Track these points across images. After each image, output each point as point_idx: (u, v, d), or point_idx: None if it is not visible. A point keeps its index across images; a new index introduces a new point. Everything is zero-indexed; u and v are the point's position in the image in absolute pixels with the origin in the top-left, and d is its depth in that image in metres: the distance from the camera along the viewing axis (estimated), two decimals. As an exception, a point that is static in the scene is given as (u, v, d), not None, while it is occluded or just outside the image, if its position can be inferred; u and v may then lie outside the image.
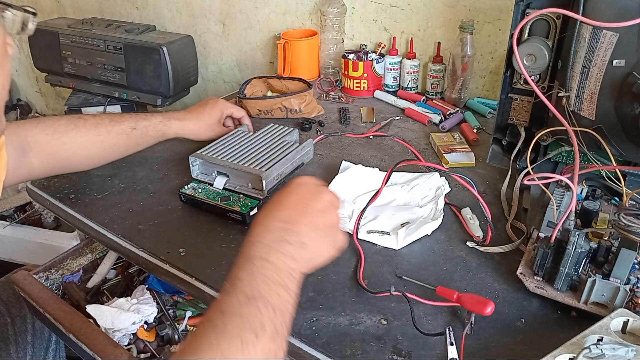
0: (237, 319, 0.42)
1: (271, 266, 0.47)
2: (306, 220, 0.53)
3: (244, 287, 0.45)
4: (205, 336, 0.41)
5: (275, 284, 0.46)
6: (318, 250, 0.54)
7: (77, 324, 0.77)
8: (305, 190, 0.56)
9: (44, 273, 0.92)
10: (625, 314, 0.54)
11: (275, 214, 0.53)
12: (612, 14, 0.64)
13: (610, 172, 0.74)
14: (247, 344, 0.41)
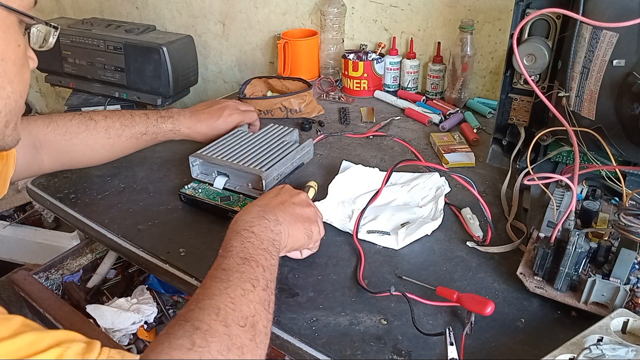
0: (237, 274, 0.51)
1: (255, 236, 0.58)
2: (281, 209, 0.65)
3: (238, 252, 0.54)
4: (215, 286, 0.50)
5: (261, 249, 0.56)
6: (292, 232, 0.64)
7: (77, 324, 0.76)
8: (284, 191, 0.69)
9: (44, 273, 0.92)
10: (625, 314, 0.54)
11: (254, 203, 0.65)
12: (612, 14, 0.64)
13: (610, 172, 0.74)
14: (247, 292, 0.50)
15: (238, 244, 0.56)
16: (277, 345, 0.61)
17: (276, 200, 0.66)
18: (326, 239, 0.77)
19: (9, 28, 0.46)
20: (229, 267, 0.52)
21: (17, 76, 0.48)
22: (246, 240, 0.56)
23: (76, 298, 0.89)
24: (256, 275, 0.53)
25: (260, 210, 0.62)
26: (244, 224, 0.59)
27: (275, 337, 0.61)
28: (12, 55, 0.47)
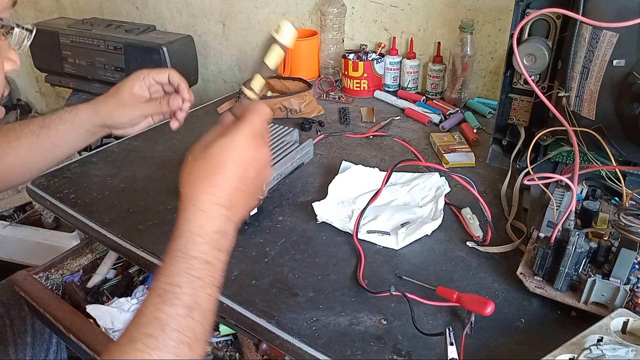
0: (176, 334, 0.44)
1: (209, 269, 0.48)
2: (241, 200, 0.53)
3: (183, 297, 0.46)
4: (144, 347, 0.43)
5: (210, 287, 0.48)
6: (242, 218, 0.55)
7: (77, 324, 0.77)
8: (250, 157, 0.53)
9: (44, 273, 0.92)
10: (625, 314, 0.54)
11: (214, 193, 0.51)
12: (612, 14, 0.64)
13: (610, 172, 0.74)
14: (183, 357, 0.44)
15: (186, 284, 0.46)
16: (277, 345, 0.61)
17: (232, 183, 0.52)
18: (326, 239, 0.77)
19: None
20: (167, 321, 0.44)
21: None
22: (196, 278, 0.47)
23: (76, 298, 0.89)
24: (196, 332, 0.46)
25: (221, 218, 0.51)
26: (199, 243, 0.49)
27: (275, 337, 0.61)
28: None
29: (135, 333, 0.43)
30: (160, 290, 0.46)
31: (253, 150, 0.53)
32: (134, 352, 0.42)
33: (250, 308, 0.65)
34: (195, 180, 0.51)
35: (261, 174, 0.55)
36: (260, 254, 0.74)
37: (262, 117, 0.55)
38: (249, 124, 0.53)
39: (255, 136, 0.54)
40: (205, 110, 1.29)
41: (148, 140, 1.09)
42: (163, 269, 0.48)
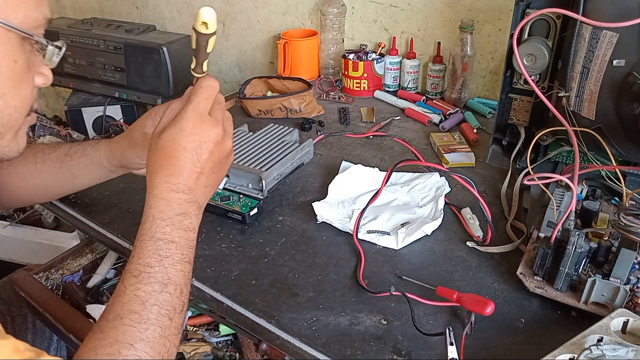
0: (155, 308, 0.49)
1: (175, 247, 0.53)
2: (200, 181, 0.56)
3: (157, 275, 0.51)
4: (132, 327, 0.47)
5: (180, 263, 0.53)
6: (209, 198, 0.59)
7: (77, 324, 0.77)
8: (199, 140, 0.55)
9: (44, 273, 0.92)
10: (625, 314, 0.54)
11: (171, 182, 0.54)
12: (612, 14, 0.64)
13: (610, 172, 0.74)
14: (165, 329, 0.49)
15: (156, 262, 0.51)
16: (277, 345, 0.61)
17: (189, 167, 0.55)
18: (326, 239, 0.77)
19: (5, 44, 0.46)
20: (147, 297, 0.49)
21: (12, 91, 0.49)
22: (166, 256, 0.52)
23: (76, 298, 0.89)
24: (174, 304, 0.51)
25: (181, 202, 0.54)
26: (163, 229, 0.53)
27: (276, 337, 0.61)
28: (7, 71, 0.47)
29: (120, 310, 0.48)
30: (136, 271, 0.51)
31: (200, 134, 0.55)
32: (122, 327, 0.47)
33: (250, 308, 0.65)
34: (153, 170, 0.55)
35: (217, 151, 0.57)
36: (260, 254, 0.74)
37: (205, 93, 0.57)
38: (192, 106, 0.56)
39: (201, 117, 0.56)
40: (205, 110, 1.29)
41: (148, 140, 1.09)
42: (135, 252, 0.52)
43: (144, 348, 0.47)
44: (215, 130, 0.56)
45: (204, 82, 0.58)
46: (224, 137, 0.58)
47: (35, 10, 0.48)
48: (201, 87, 0.57)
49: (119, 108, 1.68)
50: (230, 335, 0.90)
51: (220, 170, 0.59)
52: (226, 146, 0.59)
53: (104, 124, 1.66)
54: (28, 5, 0.47)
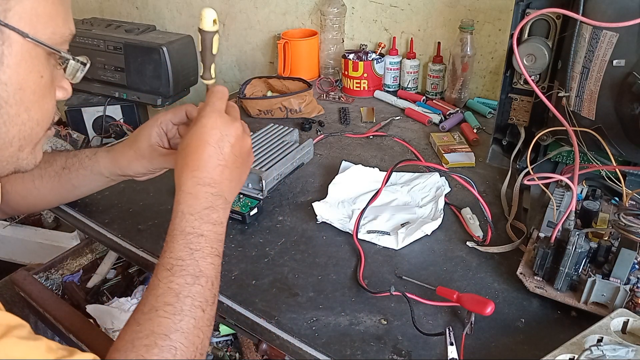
0: (189, 300, 0.51)
1: (205, 240, 0.55)
2: (225, 174, 0.59)
3: (189, 268, 0.53)
4: (166, 319, 0.49)
5: (210, 256, 0.55)
6: (237, 192, 0.63)
7: (77, 324, 0.76)
8: (221, 134, 0.59)
9: (44, 273, 0.92)
10: (625, 314, 0.54)
11: (197, 176, 0.57)
12: (612, 14, 0.64)
13: (610, 172, 0.74)
14: (198, 320, 0.51)
15: (187, 255, 0.54)
16: (277, 345, 0.61)
17: (214, 161, 0.58)
18: (326, 239, 0.77)
19: (33, 59, 0.47)
20: (181, 290, 0.51)
21: (35, 105, 0.49)
22: (196, 249, 0.54)
23: (76, 298, 0.89)
24: (206, 296, 0.53)
25: (207, 195, 0.57)
26: (192, 223, 0.56)
27: (276, 337, 0.61)
28: (32, 85, 0.48)
29: (155, 302, 0.50)
30: (168, 264, 0.53)
31: (221, 128, 0.59)
32: (157, 319, 0.49)
33: (250, 308, 0.65)
34: (180, 169, 0.58)
35: (237, 145, 0.60)
36: (260, 254, 0.74)
37: (219, 95, 0.62)
38: (209, 106, 0.60)
39: (219, 114, 0.60)
40: (205, 110, 1.29)
41: (148, 140, 1.09)
42: (166, 247, 0.55)
43: (179, 338, 0.48)
44: (234, 125, 0.60)
45: (215, 87, 0.63)
46: (243, 133, 0.61)
47: (63, 26, 0.49)
48: (214, 90, 0.62)
49: (119, 108, 1.68)
50: (230, 335, 0.90)
51: (243, 166, 0.62)
52: (246, 142, 0.62)
53: (104, 124, 1.65)
54: (57, 22, 0.48)
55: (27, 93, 0.47)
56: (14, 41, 0.44)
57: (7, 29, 0.43)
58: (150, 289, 0.52)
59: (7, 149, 0.49)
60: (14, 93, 0.46)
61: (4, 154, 0.49)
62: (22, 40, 0.45)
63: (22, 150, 0.51)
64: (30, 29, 0.45)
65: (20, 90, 0.47)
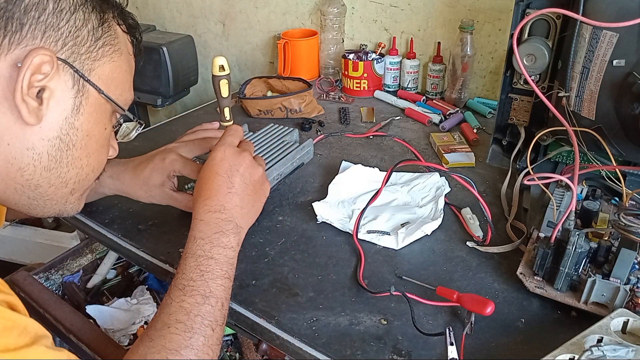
0: (199, 318, 0.53)
1: (215, 263, 0.58)
2: (235, 201, 0.63)
3: (199, 288, 0.55)
4: (177, 335, 0.51)
5: (220, 278, 0.57)
6: (251, 219, 0.67)
7: (77, 325, 0.76)
8: (229, 164, 0.64)
9: (44, 273, 0.92)
10: (625, 314, 0.54)
11: (208, 204, 0.62)
12: (612, 14, 0.64)
13: (610, 172, 0.74)
14: (208, 338, 0.53)
15: (197, 276, 0.56)
16: (277, 345, 0.61)
17: (224, 190, 0.63)
18: (326, 238, 0.77)
19: (103, 112, 0.54)
20: (191, 308, 0.53)
21: (95, 153, 0.55)
22: (206, 270, 0.57)
23: (76, 298, 0.89)
24: (215, 316, 0.55)
25: (217, 220, 0.61)
26: (203, 246, 0.58)
27: (276, 337, 0.61)
28: (97, 134, 0.54)
29: (167, 320, 0.52)
30: (180, 285, 0.55)
31: (229, 159, 0.64)
32: (169, 335, 0.51)
33: (250, 308, 0.65)
34: (195, 199, 0.63)
35: (247, 174, 0.65)
36: (260, 254, 0.74)
37: (231, 132, 0.68)
38: (221, 141, 0.66)
39: (229, 147, 0.65)
40: (205, 111, 1.29)
41: (148, 140, 1.09)
42: (179, 269, 0.57)
43: (189, 355, 0.51)
44: (242, 155, 0.65)
45: (229, 127, 0.69)
46: (253, 163, 0.66)
47: (128, 92, 0.59)
48: (228, 128, 0.69)
49: (119, 108, 1.68)
50: (230, 336, 0.90)
51: (255, 193, 0.66)
52: (256, 172, 0.66)
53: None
54: (125, 87, 0.58)
55: (92, 141, 0.54)
56: (91, 94, 0.52)
57: (89, 84, 0.51)
58: (163, 307, 0.54)
59: (62, 189, 0.54)
60: (82, 138, 0.52)
61: (57, 193, 0.54)
62: (97, 95, 0.53)
63: (73, 194, 0.56)
64: (105, 87, 0.53)
65: (87, 137, 0.53)
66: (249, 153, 0.66)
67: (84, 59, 0.51)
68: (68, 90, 0.49)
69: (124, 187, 0.78)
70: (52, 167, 0.51)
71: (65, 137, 0.50)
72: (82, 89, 0.51)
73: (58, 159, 0.51)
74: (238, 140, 0.68)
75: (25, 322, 0.41)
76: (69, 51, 0.49)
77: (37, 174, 0.50)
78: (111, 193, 0.80)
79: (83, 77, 0.50)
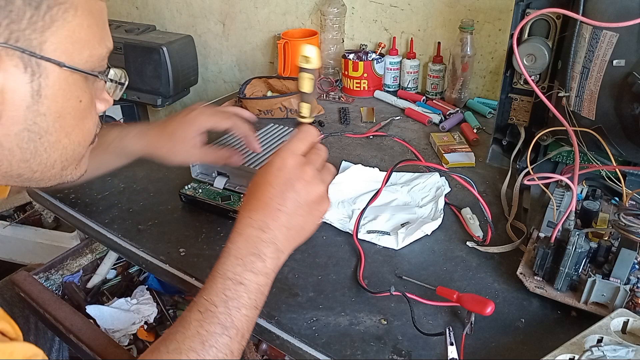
0: (214, 350, 0.48)
1: (244, 290, 0.51)
2: (282, 220, 0.53)
3: (220, 316, 0.50)
4: (193, 350, 0.48)
5: (246, 308, 0.51)
6: (297, 242, 0.56)
7: (78, 325, 0.76)
8: (285, 177, 0.54)
9: (44, 273, 0.92)
10: (625, 314, 0.54)
11: (252, 217, 0.53)
12: (612, 14, 0.64)
13: (610, 172, 0.74)
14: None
15: (221, 303, 0.50)
16: (277, 345, 0.61)
17: (274, 205, 0.53)
18: (326, 238, 0.77)
19: (70, 86, 0.46)
20: (206, 337, 0.49)
21: (75, 129, 0.49)
22: (232, 297, 0.50)
23: (76, 298, 0.89)
24: (232, 348, 0.50)
25: (256, 239, 0.53)
26: (235, 268, 0.52)
27: (275, 337, 0.61)
28: (72, 111, 0.47)
29: (182, 344, 0.48)
30: (202, 306, 0.50)
31: (289, 170, 0.54)
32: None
33: (250, 308, 0.64)
34: (242, 206, 0.55)
35: (303, 192, 0.54)
36: (260, 254, 0.74)
37: (301, 136, 0.58)
38: (285, 146, 0.56)
39: (292, 155, 0.55)
40: (205, 110, 1.29)
41: (148, 140, 1.09)
42: (206, 285, 0.52)
43: None
44: (304, 168, 0.55)
45: (302, 127, 0.59)
46: (314, 179, 0.55)
47: (99, 47, 0.48)
48: (299, 130, 0.59)
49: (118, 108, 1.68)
50: (230, 335, 0.89)
51: (308, 214, 0.56)
52: (316, 189, 0.55)
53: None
54: (92, 44, 0.47)
55: (66, 120, 0.47)
56: (50, 72, 0.44)
57: (43, 60, 0.43)
58: (181, 324, 0.50)
59: (50, 170, 0.49)
60: (53, 122, 0.46)
61: (46, 174, 0.49)
62: (59, 70, 0.44)
63: (66, 169, 0.51)
64: (66, 57, 0.44)
65: (59, 118, 0.46)
66: (312, 166, 0.56)
67: (29, 34, 0.41)
68: (20, 75, 0.42)
69: (150, 145, 0.75)
70: (28, 158, 0.46)
71: (33, 126, 0.44)
72: (38, 69, 0.43)
73: (32, 150, 0.46)
74: (306, 146, 0.58)
75: (12, 349, 0.39)
76: (7, 32, 0.40)
77: (15, 166, 0.46)
78: (138, 154, 0.76)
79: (34, 55, 0.42)
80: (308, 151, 0.57)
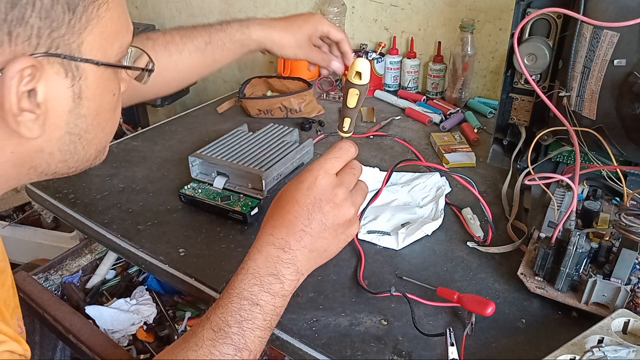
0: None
1: (259, 311, 0.49)
2: (305, 241, 0.51)
3: (234, 337, 0.48)
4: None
5: (260, 329, 0.49)
6: (317, 264, 0.54)
7: (77, 325, 0.76)
8: (315, 197, 0.51)
9: (43, 274, 0.92)
10: (626, 315, 0.54)
11: (274, 234, 0.52)
12: (613, 13, 0.64)
13: (611, 172, 0.73)
14: None
15: (234, 322, 0.48)
16: (277, 346, 0.61)
17: (299, 225, 0.51)
18: (326, 239, 0.77)
19: (106, 82, 0.46)
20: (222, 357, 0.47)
21: (109, 122, 0.49)
22: (247, 318, 0.49)
23: (75, 299, 0.89)
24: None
25: (275, 258, 0.51)
26: (251, 288, 0.50)
27: (275, 337, 0.61)
28: (107, 106, 0.47)
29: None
30: (215, 326, 0.48)
31: (319, 190, 0.51)
32: None
33: (250, 308, 0.64)
34: (265, 220, 0.53)
35: (331, 214, 0.52)
36: (260, 254, 0.74)
37: (336, 153, 0.53)
38: (318, 162, 0.53)
39: (325, 174, 0.52)
40: (204, 110, 1.29)
41: (147, 140, 1.09)
42: (221, 301, 0.50)
43: None
44: (335, 191, 0.52)
45: (339, 142, 0.55)
46: (345, 202, 0.52)
47: (127, 34, 0.47)
48: (335, 146, 0.54)
49: (118, 108, 1.68)
50: (230, 336, 0.89)
51: (334, 238, 0.53)
52: (345, 212, 0.52)
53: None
54: (122, 34, 0.46)
55: (102, 115, 0.47)
56: (89, 72, 0.43)
57: (82, 62, 0.42)
58: (191, 341, 0.48)
59: (85, 163, 0.49)
60: (92, 120, 0.46)
61: (81, 167, 0.49)
62: (96, 68, 0.44)
63: (97, 157, 0.51)
64: (101, 54, 0.44)
65: (97, 116, 0.46)
66: (345, 189, 0.53)
67: (68, 38, 0.41)
68: (62, 81, 0.42)
69: (274, 32, 0.79)
70: (67, 158, 0.46)
71: (74, 129, 0.45)
72: (77, 72, 0.42)
73: (72, 150, 0.46)
74: (341, 164, 0.54)
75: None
76: (49, 41, 0.40)
77: (53, 166, 0.46)
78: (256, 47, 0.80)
79: (74, 59, 0.42)
80: (342, 169, 0.54)
